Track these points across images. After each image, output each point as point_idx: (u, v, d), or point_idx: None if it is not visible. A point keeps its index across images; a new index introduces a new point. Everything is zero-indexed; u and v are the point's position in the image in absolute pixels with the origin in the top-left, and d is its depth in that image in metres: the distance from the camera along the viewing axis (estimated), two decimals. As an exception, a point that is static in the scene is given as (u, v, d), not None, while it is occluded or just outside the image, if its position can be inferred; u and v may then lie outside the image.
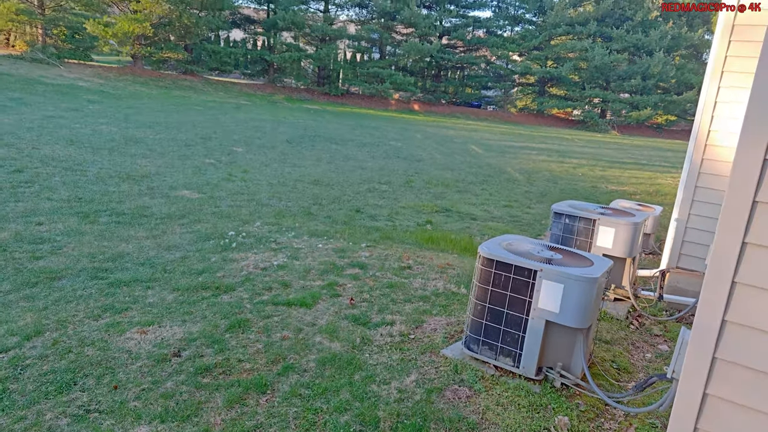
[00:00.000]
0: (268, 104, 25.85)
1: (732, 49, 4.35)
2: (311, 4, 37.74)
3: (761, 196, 1.59)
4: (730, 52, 4.33)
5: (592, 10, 38.08)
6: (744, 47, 4.30)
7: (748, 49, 4.28)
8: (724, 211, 1.66)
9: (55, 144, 9.23)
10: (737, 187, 1.63)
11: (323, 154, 12.43)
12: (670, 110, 39.12)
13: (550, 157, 17.17)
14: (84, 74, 23.06)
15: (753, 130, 1.60)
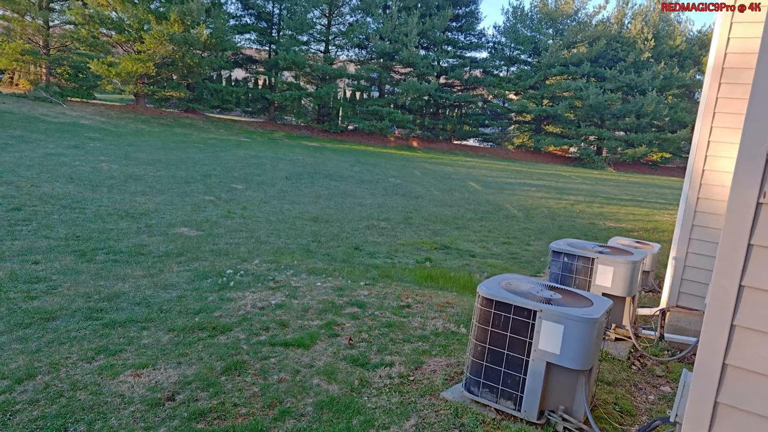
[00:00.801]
0: (268, 141, 26.16)
1: (722, 90, 4.45)
2: (312, 45, 38.70)
3: (756, 239, 1.60)
4: (720, 93, 4.42)
5: (586, 51, 39.10)
6: (734, 89, 4.40)
7: (738, 91, 4.37)
8: (720, 254, 1.66)
9: (55, 182, 9.28)
10: (732, 230, 1.64)
11: (322, 190, 12.50)
12: (664, 148, 39.69)
13: (548, 194, 17.28)
14: (86, 112, 23.40)
15: (745, 173, 1.63)
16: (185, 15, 26.43)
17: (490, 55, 42.69)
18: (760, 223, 1.59)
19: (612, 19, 41.72)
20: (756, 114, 1.61)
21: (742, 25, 4.45)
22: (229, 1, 36.03)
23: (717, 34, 4.58)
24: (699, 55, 41.03)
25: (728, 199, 1.64)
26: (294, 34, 35.53)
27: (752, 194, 1.60)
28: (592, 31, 39.64)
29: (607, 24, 40.94)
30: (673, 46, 40.66)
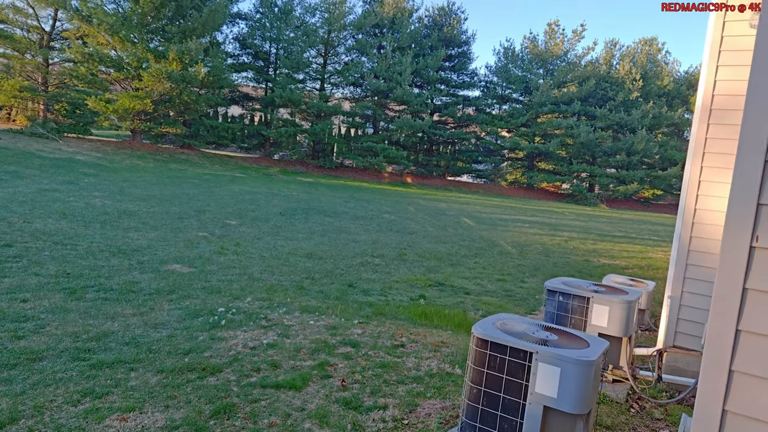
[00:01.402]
0: (263, 177, 26.28)
1: (711, 131, 4.54)
2: (308, 82, 39.46)
3: (751, 283, 1.60)
4: (709, 134, 4.51)
5: (576, 90, 40.02)
6: (722, 129, 4.49)
7: (726, 132, 4.46)
8: (715, 297, 1.66)
9: (48, 218, 9.23)
10: (726, 273, 1.64)
11: (316, 226, 12.49)
12: (656, 185, 40.21)
13: (542, 230, 17.34)
14: (82, 148, 23.51)
15: (737, 217, 1.64)
16: (184, 54, 26.94)
17: (482, 93, 43.61)
18: (754, 267, 1.59)
19: (601, 60, 42.89)
20: (745, 158, 1.63)
21: (728, 68, 4.58)
22: (228, 41, 36.89)
23: (704, 76, 4.71)
24: (687, 94, 42.08)
25: (721, 243, 1.64)
26: (290, 73, 36.24)
27: (745, 238, 1.61)
28: (582, 71, 40.68)
29: (596, 65, 42.06)
30: (661, 86, 41.71)
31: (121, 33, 26.54)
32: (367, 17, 37.53)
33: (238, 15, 36.47)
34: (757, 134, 1.61)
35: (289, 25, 35.03)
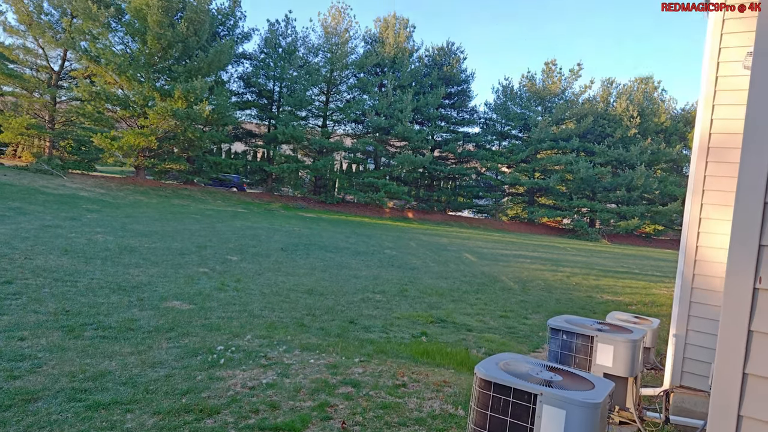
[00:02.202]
0: (264, 212, 26.37)
1: (710, 169, 4.57)
2: (310, 119, 40.12)
3: (756, 325, 1.59)
4: (708, 172, 4.54)
5: (574, 127, 40.56)
6: (721, 167, 4.53)
7: (725, 170, 4.49)
8: (720, 340, 1.64)
9: (49, 254, 9.23)
10: (730, 316, 1.62)
11: (318, 262, 12.45)
12: (656, 220, 40.22)
13: (544, 266, 17.26)
14: (86, 184, 23.71)
15: (739, 259, 1.64)
16: (189, 92, 27.48)
17: (482, 130, 44.21)
18: (758, 309, 1.58)
19: (598, 97, 43.64)
20: (744, 199, 1.64)
21: (724, 107, 4.65)
22: (233, 80, 37.71)
23: (700, 114, 4.78)
24: (684, 131, 42.60)
25: (724, 285, 1.64)
26: (293, 110, 36.89)
27: (748, 279, 1.60)
28: (580, 108, 41.32)
29: (593, 102, 42.76)
30: (659, 123, 42.27)
31: (128, 72, 27.15)
32: (369, 57, 38.43)
33: (243, 55, 37.39)
34: (756, 175, 1.63)
35: (292, 64, 35.85)
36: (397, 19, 41.14)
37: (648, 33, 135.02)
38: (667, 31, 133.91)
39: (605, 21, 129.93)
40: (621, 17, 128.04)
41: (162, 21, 27.05)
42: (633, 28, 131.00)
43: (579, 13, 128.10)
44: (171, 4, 28.17)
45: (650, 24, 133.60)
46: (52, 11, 29.36)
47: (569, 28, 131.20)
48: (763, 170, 1.61)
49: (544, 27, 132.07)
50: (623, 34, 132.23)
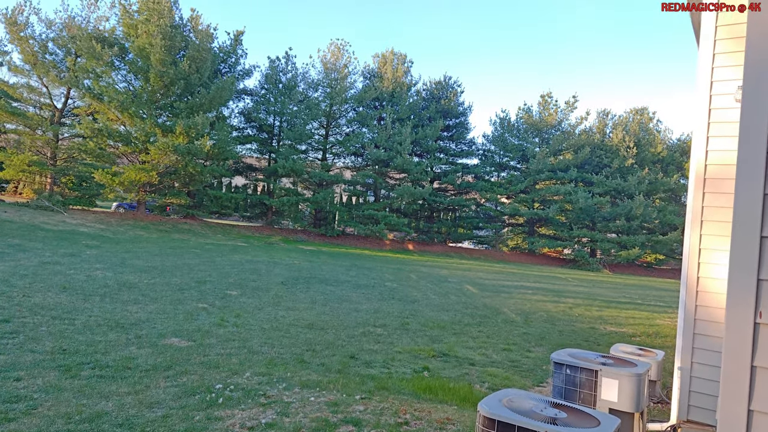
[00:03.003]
0: (264, 245, 26.34)
1: (707, 199, 4.60)
2: (310, 153, 40.52)
3: (759, 360, 1.57)
4: (705, 202, 4.57)
5: (571, 158, 40.90)
6: (718, 198, 4.55)
7: (722, 201, 4.52)
8: (724, 376, 1.62)
9: (48, 291, 9.18)
10: (732, 351, 1.61)
11: (318, 296, 12.37)
12: (657, 249, 40.11)
13: (546, 297, 17.13)
14: (86, 220, 23.75)
15: (739, 294, 1.63)
16: (190, 128, 27.83)
17: (480, 161, 44.57)
18: (760, 345, 1.57)
19: (594, 128, 44.15)
20: (741, 234, 1.65)
21: (719, 139, 4.71)
22: (233, 115, 38.24)
23: (695, 146, 4.83)
24: (681, 161, 42.93)
25: (725, 320, 1.63)
26: (293, 144, 37.29)
27: (748, 314, 1.59)
28: (576, 139, 41.77)
29: (590, 133, 43.24)
30: (655, 153, 42.64)
31: (131, 109, 27.56)
32: (368, 91, 39.09)
33: (244, 91, 38.05)
34: (750, 210, 1.64)
35: (292, 99, 36.43)
36: (395, 54, 42.03)
37: (642, 62, 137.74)
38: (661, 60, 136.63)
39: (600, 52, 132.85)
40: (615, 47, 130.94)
41: (165, 59, 27.62)
42: (628, 59, 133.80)
43: (574, 47, 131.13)
44: (174, 43, 28.83)
45: (644, 54, 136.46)
46: (57, 51, 30.02)
47: (565, 61, 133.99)
48: (757, 205, 1.62)
49: (540, 60, 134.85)
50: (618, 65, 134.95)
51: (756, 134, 1.67)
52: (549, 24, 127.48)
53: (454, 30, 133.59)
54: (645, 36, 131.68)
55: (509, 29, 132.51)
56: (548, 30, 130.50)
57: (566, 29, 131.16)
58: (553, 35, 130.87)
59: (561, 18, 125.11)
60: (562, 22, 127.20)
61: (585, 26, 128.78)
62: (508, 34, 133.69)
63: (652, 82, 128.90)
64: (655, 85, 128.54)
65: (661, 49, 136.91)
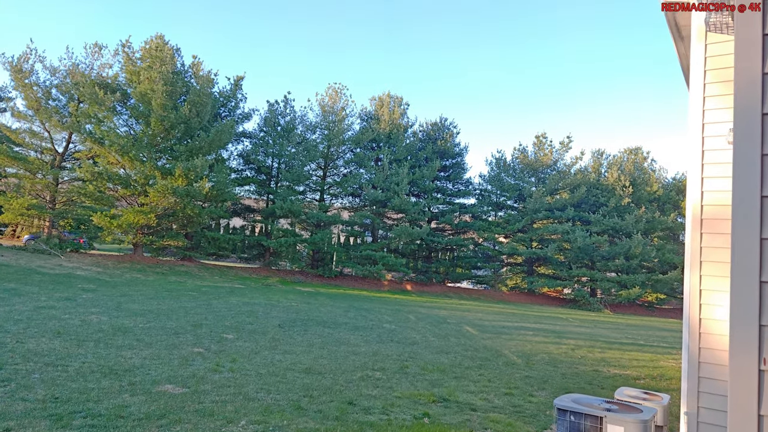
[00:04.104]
0: (262, 287, 26.12)
1: (705, 240, 4.60)
2: (308, 194, 40.76)
3: (765, 409, 1.54)
4: (704, 243, 4.57)
5: (568, 197, 41.18)
6: (716, 239, 4.56)
7: (720, 241, 4.53)
8: (731, 425, 1.58)
9: (41, 337, 9.03)
10: (738, 400, 1.58)
11: (315, 339, 12.18)
12: (658, 289, 39.84)
13: (547, 338, 16.91)
14: (83, 263, 23.62)
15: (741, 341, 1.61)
16: (190, 170, 28.07)
17: (477, 201, 44.82)
18: (766, 392, 1.54)
19: (589, 168, 44.63)
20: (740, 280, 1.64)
21: (713, 180, 4.77)
22: (232, 157, 38.66)
23: (691, 187, 4.88)
24: (677, 199, 43.24)
25: (729, 367, 1.61)
26: (291, 185, 37.55)
27: (752, 362, 1.57)
28: (572, 179, 42.15)
29: (585, 173, 43.68)
30: (651, 192, 42.98)
31: (131, 153, 27.85)
32: (365, 133, 39.70)
33: (243, 134, 38.60)
34: (748, 255, 1.64)
35: (290, 141, 36.93)
36: (391, 97, 42.91)
37: (635, 103, 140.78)
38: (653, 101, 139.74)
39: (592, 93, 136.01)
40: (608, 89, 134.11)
41: (166, 104, 28.13)
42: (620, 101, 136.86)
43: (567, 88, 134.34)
44: (175, 88, 29.44)
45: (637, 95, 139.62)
46: (60, 96, 30.60)
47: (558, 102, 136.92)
48: (754, 249, 1.63)
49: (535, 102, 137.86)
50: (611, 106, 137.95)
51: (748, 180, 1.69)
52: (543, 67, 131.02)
53: (450, 72, 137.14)
54: (636, 78, 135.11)
55: (504, 71, 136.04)
56: (542, 71, 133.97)
57: (559, 72, 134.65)
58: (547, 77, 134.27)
59: (553, 61, 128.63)
60: (554, 67, 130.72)
61: (576, 68, 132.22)
62: (503, 76, 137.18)
63: (645, 123, 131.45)
64: (648, 125, 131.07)
65: (652, 90, 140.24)
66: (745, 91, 1.65)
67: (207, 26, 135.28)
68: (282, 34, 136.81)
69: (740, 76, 1.66)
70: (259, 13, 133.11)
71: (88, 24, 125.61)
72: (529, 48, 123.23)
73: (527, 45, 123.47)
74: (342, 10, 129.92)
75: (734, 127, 1.75)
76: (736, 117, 1.72)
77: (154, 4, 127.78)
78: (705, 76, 4.91)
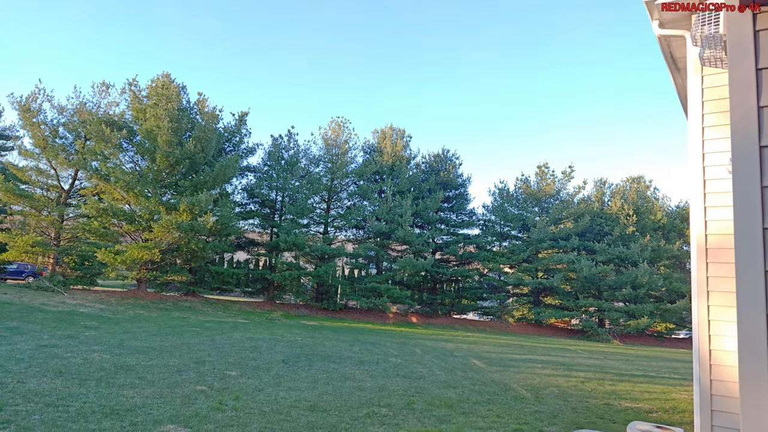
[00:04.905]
0: (266, 322, 25.90)
1: (711, 270, 4.57)
2: (312, 227, 40.83)
3: (783, 449, 1.49)
4: (710, 273, 4.54)
5: (572, 226, 41.05)
6: (721, 268, 4.53)
7: (725, 270, 4.49)
8: (749, 467, 1.53)
9: (43, 376, 8.93)
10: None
11: (320, 374, 12.00)
12: (666, 318, 39.23)
13: (556, 371, 16.60)
14: (86, 300, 23.55)
15: (751, 375, 1.58)
16: (194, 205, 28.23)
17: (481, 231, 44.75)
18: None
19: (592, 197, 44.64)
20: (746, 313, 1.62)
21: (716, 209, 4.76)
22: (236, 191, 38.94)
23: (694, 216, 4.87)
24: (682, 227, 43.02)
25: (740, 408, 1.57)
26: (295, 218, 37.66)
27: (763, 396, 1.53)
28: (576, 208, 42.12)
29: (588, 202, 43.67)
30: (655, 221, 42.81)
31: (136, 189, 28.11)
32: (368, 166, 40.03)
33: (247, 168, 38.98)
34: (753, 287, 1.62)
35: (294, 175, 37.24)
36: (393, 130, 43.43)
37: (635, 133, 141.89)
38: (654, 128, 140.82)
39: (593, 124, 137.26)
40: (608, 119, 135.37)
41: (171, 141, 28.53)
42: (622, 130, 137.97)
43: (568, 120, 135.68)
44: (181, 125, 29.91)
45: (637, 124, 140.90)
46: (67, 134, 31.11)
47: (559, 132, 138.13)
48: (759, 283, 1.61)
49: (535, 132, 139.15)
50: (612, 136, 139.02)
51: (749, 212, 1.68)
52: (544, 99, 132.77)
53: (452, 105, 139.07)
54: (636, 107, 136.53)
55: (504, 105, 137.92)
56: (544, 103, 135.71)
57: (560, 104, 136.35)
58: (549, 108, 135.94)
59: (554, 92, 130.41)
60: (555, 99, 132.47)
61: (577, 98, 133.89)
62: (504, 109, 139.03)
63: (646, 151, 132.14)
64: (648, 153, 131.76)
65: (652, 118, 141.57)
66: (742, 124, 1.67)
67: (213, 64, 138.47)
68: (286, 72, 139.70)
69: (736, 111, 1.68)
70: (264, 51, 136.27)
71: (97, 64, 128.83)
72: (529, 79, 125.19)
73: (526, 77, 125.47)
74: (344, 43, 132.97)
75: (732, 161, 1.75)
76: (734, 150, 1.73)
77: (161, 44, 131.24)
78: (703, 106, 4.97)
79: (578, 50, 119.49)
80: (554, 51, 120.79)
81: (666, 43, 6.02)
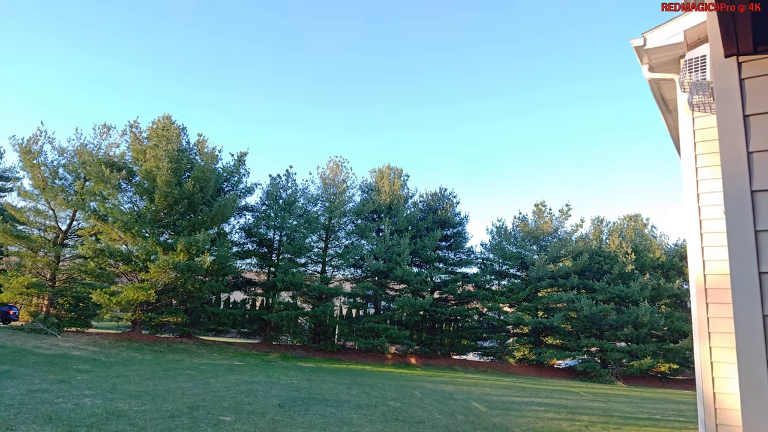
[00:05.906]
0: (262, 364, 25.40)
1: (711, 310, 4.53)
2: (309, 266, 40.60)
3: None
4: (710, 313, 4.49)
5: (571, 264, 40.89)
6: (722, 309, 4.49)
7: (726, 311, 4.45)
8: None
9: (32, 423, 8.67)
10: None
11: (317, 419, 11.68)
12: (670, 358, 38.56)
13: (559, 414, 16.20)
14: (79, 342, 23.15)
15: (754, 419, 1.54)
16: (192, 245, 28.14)
17: (480, 270, 44.53)
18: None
19: (590, 235, 44.66)
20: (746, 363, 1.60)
21: (713, 249, 4.75)
22: (234, 230, 38.90)
23: (692, 256, 4.85)
24: (681, 266, 42.88)
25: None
26: (293, 257, 37.50)
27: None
28: (574, 246, 42.07)
29: (586, 240, 43.66)
30: (654, 259, 42.69)
31: (134, 229, 28.07)
32: (366, 205, 40.18)
33: (245, 207, 39.08)
34: (752, 332, 1.60)
35: (292, 214, 37.31)
36: (391, 169, 43.80)
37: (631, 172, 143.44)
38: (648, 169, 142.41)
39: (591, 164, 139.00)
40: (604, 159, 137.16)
41: (170, 181, 28.70)
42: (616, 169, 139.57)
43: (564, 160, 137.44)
44: (180, 165, 30.16)
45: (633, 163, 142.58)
46: (66, 175, 31.29)
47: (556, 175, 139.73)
48: (758, 328, 1.59)
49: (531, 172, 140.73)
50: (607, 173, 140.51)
51: (745, 257, 1.68)
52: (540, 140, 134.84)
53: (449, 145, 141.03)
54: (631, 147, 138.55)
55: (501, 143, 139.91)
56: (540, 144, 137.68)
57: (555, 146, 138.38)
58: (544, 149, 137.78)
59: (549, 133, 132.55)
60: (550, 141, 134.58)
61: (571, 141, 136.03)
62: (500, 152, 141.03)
63: (642, 189, 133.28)
64: (645, 192, 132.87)
65: (647, 156, 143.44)
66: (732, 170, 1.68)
67: (213, 105, 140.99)
68: (284, 113, 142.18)
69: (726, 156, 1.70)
70: (263, 94, 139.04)
71: (99, 108, 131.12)
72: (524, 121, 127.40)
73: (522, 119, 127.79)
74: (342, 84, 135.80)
75: (725, 205, 1.77)
76: (726, 195, 1.74)
77: (163, 87, 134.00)
78: (695, 147, 5.03)
79: (577, 91, 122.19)
80: (551, 94, 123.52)
81: (656, 86, 6.16)
